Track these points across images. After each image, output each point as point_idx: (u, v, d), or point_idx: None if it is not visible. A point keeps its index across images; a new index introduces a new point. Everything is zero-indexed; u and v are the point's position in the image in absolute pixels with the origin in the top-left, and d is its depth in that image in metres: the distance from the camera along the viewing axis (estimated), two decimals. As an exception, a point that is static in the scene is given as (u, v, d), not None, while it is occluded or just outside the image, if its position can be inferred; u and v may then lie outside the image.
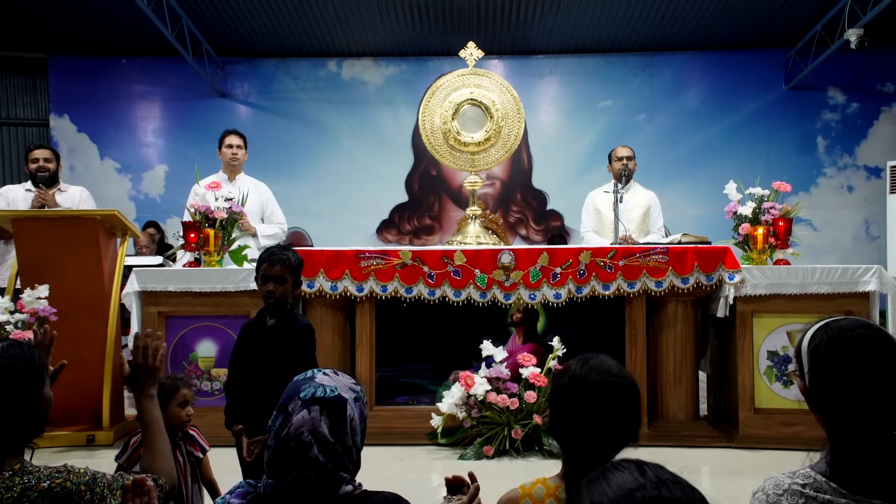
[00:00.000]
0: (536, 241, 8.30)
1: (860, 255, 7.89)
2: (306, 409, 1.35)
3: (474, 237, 4.51)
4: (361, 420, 1.43)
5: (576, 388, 1.42)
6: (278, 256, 2.71)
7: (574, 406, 1.41)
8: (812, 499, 1.23)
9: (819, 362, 1.31)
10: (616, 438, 1.39)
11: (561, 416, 1.45)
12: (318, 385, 1.39)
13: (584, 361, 1.46)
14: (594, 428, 1.38)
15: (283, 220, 5.14)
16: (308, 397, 1.37)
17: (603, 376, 1.41)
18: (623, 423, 1.39)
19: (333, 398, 1.37)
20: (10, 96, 8.70)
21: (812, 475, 1.26)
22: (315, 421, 1.34)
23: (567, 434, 1.43)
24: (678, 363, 4.05)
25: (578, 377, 1.43)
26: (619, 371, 1.43)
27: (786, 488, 1.26)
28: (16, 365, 1.46)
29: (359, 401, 1.43)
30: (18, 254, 4.09)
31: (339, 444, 1.37)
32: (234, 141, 5.00)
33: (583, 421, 1.39)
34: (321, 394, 1.37)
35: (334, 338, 4.08)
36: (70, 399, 3.87)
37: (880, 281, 3.88)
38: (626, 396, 1.40)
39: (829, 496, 1.22)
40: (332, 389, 1.39)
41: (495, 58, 8.33)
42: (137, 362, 1.77)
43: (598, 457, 1.37)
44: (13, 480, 1.40)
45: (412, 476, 3.48)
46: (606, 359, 1.47)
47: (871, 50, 7.12)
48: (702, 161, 8.24)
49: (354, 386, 1.45)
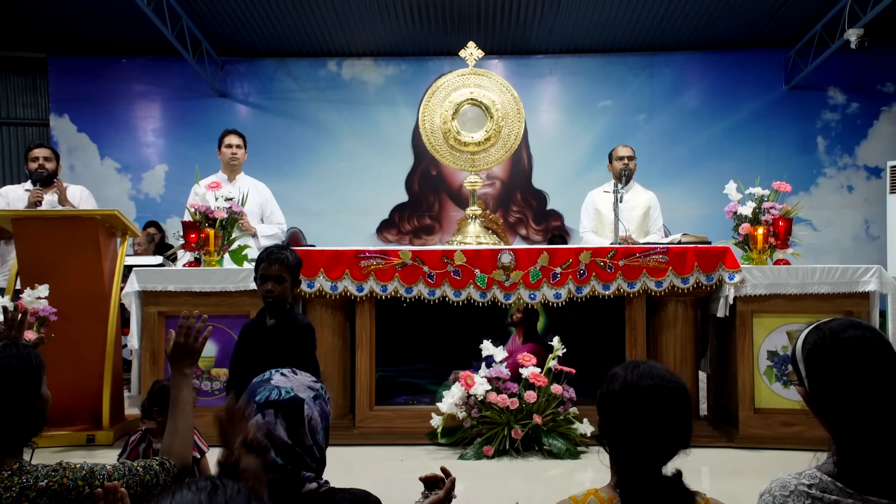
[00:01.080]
0: (536, 241, 8.30)
1: (860, 255, 7.89)
2: (261, 413, 1.35)
3: (474, 237, 4.51)
4: (323, 417, 1.42)
5: (628, 393, 1.36)
6: (277, 256, 2.72)
7: (627, 412, 1.35)
8: (818, 499, 1.23)
9: (815, 366, 1.31)
10: (670, 444, 1.35)
11: (613, 422, 1.39)
12: (272, 388, 1.38)
13: (634, 366, 1.41)
14: (648, 434, 1.33)
15: (283, 221, 5.14)
16: (262, 401, 1.36)
17: (656, 381, 1.36)
18: (676, 428, 1.34)
19: (288, 400, 1.37)
20: (10, 96, 8.70)
21: (818, 476, 1.26)
22: (270, 425, 1.34)
23: (620, 441, 1.37)
24: (678, 363, 4.05)
25: (630, 382, 1.37)
26: (670, 375, 1.39)
27: (792, 489, 1.26)
28: (12, 364, 1.46)
29: (319, 399, 1.42)
30: (18, 254, 4.09)
31: (299, 445, 1.36)
32: (234, 141, 5.00)
33: (637, 427, 1.34)
34: (276, 397, 1.37)
35: (334, 338, 4.08)
36: (70, 399, 3.87)
37: (880, 281, 3.87)
38: (679, 401, 1.36)
39: (836, 496, 1.22)
40: (288, 391, 1.38)
41: (495, 58, 8.33)
42: (178, 341, 1.78)
43: (651, 464, 1.34)
44: (12, 480, 1.41)
45: (412, 476, 3.47)
46: (656, 364, 1.43)
47: (871, 50, 7.12)
48: (702, 161, 8.24)
49: (314, 384, 1.44)
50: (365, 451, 3.85)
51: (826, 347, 1.30)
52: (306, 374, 1.46)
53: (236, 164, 5.00)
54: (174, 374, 1.78)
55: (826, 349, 1.30)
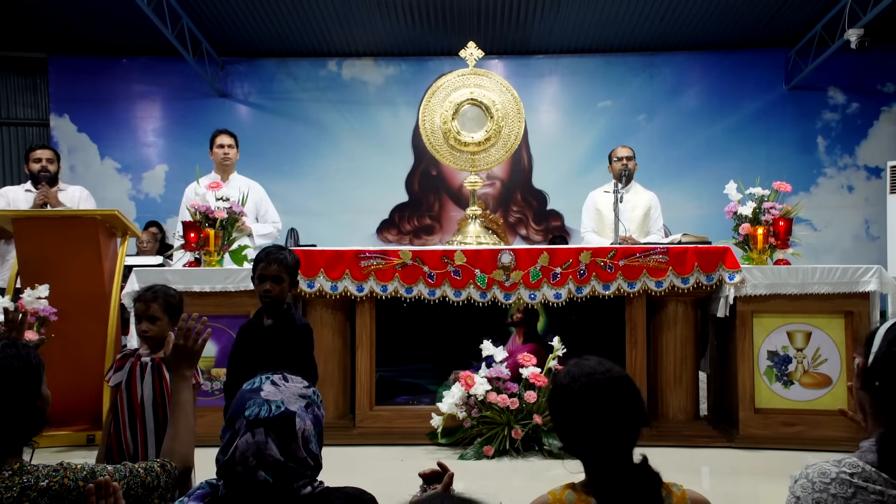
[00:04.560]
0: (536, 241, 8.30)
1: (860, 255, 7.89)
2: (250, 432, 1.32)
3: (474, 237, 4.51)
4: (316, 424, 1.39)
5: (567, 398, 1.41)
6: (275, 256, 2.72)
7: (571, 417, 1.40)
8: (862, 489, 1.19)
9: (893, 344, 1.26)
10: (624, 432, 1.37)
11: (564, 429, 1.43)
12: (262, 402, 1.35)
13: (567, 370, 1.46)
14: (598, 431, 1.36)
15: (278, 219, 5.13)
16: (252, 417, 1.33)
17: (587, 379, 1.40)
18: (624, 416, 1.37)
19: (279, 416, 1.33)
20: (10, 96, 8.70)
21: (860, 465, 1.21)
22: (260, 444, 1.31)
23: (576, 445, 1.41)
24: (678, 363, 4.05)
25: (566, 386, 1.42)
26: (601, 367, 1.42)
27: (833, 477, 1.22)
28: (12, 364, 1.46)
29: (311, 406, 1.40)
30: (18, 254, 4.09)
31: (292, 460, 1.34)
32: (226, 140, 4.99)
33: (585, 428, 1.37)
34: (265, 413, 1.33)
35: (334, 338, 4.08)
36: (70, 399, 3.87)
37: (880, 281, 3.87)
38: (617, 390, 1.39)
39: (881, 486, 1.18)
40: (278, 406, 1.35)
41: (495, 58, 8.33)
42: (177, 343, 1.78)
43: (613, 455, 1.37)
44: (13, 480, 1.40)
45: (412, 476, 3.47)
46: (588, 360, 1.46)
47: (871, 50, 7.12)
48: (702, 161, 8.24)
49: (305, 391, 1.41)
50: (365, 451, 3.85)
51: None
52: (297, 379, 1.43)
53: (229, 163, 4.99)
54: (173, 376, 1.78)
55: None
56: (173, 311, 2.57)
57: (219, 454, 1.36)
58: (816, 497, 1.22)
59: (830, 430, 3.80)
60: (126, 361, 2.56)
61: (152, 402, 2.50)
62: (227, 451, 1.33)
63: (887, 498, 1.17)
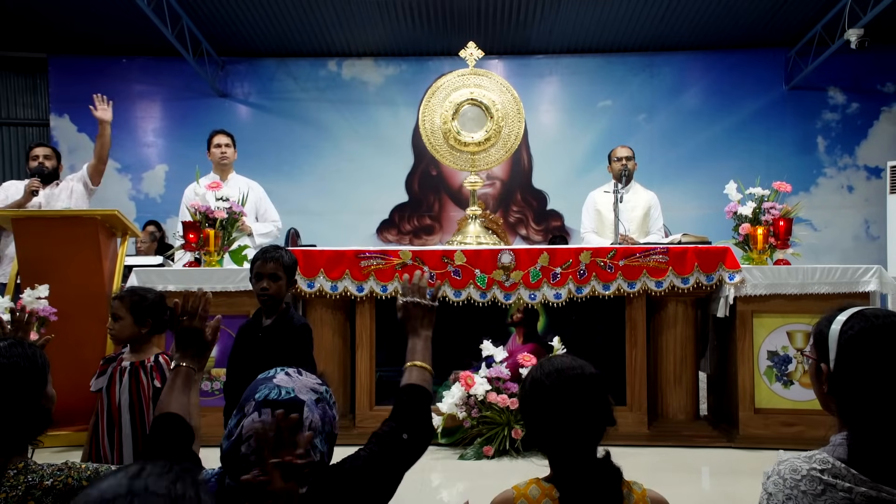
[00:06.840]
0: (536, 241, 8.31)
1: (860, 255, 7.90)
2: (258, 411, 1.31)
3: (474, 237, 4.51)
4: (324, 421, 1.37)
5: (538, 393, 1.44)
6: (272, 254, 2.72)
7: (541, 411, 1.43)
8: (832, 486, 1.19)
9: (851, 347, 1.26)
10: (590, 429, 1.41)
11: (532, 423, 1.47)
12: (273, 386, 1.35)
13: (540, 365, 1.50)
14: (565, 426, 1.40)
15: (278, 218, 5.13)
16: (261, 399, 1.33)
17: (558, 375, 1.43)
18: (591, 413, 1.41)
19: (287, 401, 1.32)
20: (10, 96, 8.70)
21: (830, 461, 1.22)
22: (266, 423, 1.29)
23: (545, 440, 1.44)
24: (678, 363, 4.05)
25: (537, 380, 1.45)
26: (572, 364, 1.45)
27: (804, 474, 1.22)
28: (18, 364, 1.46)
29: (322, 401, 1.38)
30: (18, 254, 4.09)
31: None
32: (223, 140, 4.99)
33: (552, 423, 1.41)
34: (275, 396, 1.33)
35: (334, 338, 4.08)
36: (70, 399, 3.84)
37: (880, 281, 3.88)
38: (586, 387, 1.42)
39: (850, 483, 1.18)
40: (289, 391, 1.34)
41: (495, 58, 8.33)
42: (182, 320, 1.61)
43: (578, 450, 1.41)
44: (18, 479, 1.41)
45: (412, 476, 3.46)
46: (561, 357, 1.50)
47: (871, 50, 7.12)
48: (702, 161, 8.24)
49: (318, 386, 1.40)
50: (365, 451, 3.84)
51: (868, 330, 1.25)
52: (312, 376, 1.43)
53: (226, 163, 4.99)
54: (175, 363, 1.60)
55: (867, 331, 1.25)
56: (140, 311, 2.49)
57: (223, 440, 1.35)
58: (787, 493, 1.23)
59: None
60: (108, 366, 2.56)
61: (129, 406, 2.48)
62: (233, 433, 1.32)
63: (855, 495, 1.17)
